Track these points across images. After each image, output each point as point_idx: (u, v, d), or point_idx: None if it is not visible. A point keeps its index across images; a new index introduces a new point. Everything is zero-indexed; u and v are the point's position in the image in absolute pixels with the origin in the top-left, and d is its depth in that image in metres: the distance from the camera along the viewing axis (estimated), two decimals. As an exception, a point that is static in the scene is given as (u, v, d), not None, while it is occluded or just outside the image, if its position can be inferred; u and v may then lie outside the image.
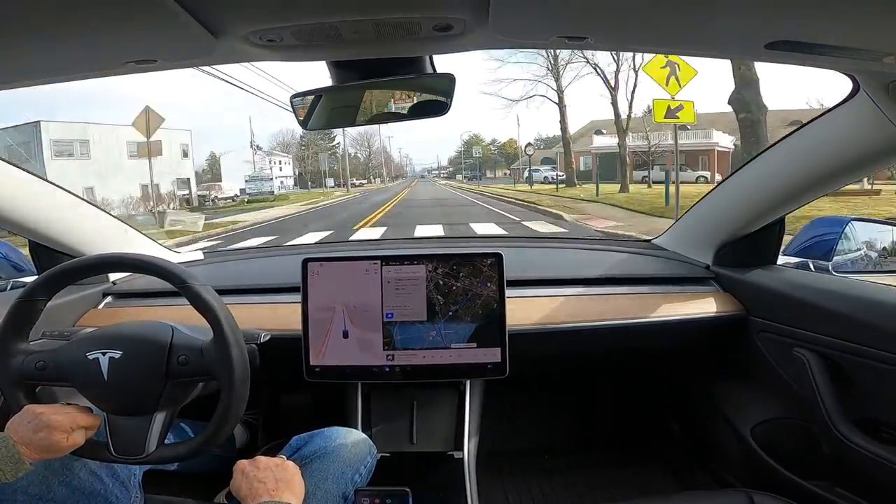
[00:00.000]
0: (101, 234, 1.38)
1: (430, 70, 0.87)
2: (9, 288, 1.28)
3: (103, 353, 0.81)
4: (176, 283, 0.84)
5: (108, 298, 1.41)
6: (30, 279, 1.29)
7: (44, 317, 0.87)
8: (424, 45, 0.76)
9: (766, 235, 1.28)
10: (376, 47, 0.76)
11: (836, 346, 1.05)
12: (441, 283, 1.17)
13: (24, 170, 1.14)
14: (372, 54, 0.80)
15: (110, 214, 1.44)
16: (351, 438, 1.03)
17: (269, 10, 0.63)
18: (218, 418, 0.82)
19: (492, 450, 1.58)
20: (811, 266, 1.26)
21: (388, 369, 1.17)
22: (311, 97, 0.94)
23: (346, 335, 1.16)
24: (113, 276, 1.46)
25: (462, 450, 1.17)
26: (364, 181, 52.77)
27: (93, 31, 0.63)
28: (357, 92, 0.91)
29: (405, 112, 0.93)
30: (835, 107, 0.93)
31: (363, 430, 1.17)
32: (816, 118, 1.00)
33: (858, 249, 1.32)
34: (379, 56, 0.81)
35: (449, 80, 0.87)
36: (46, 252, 1.29)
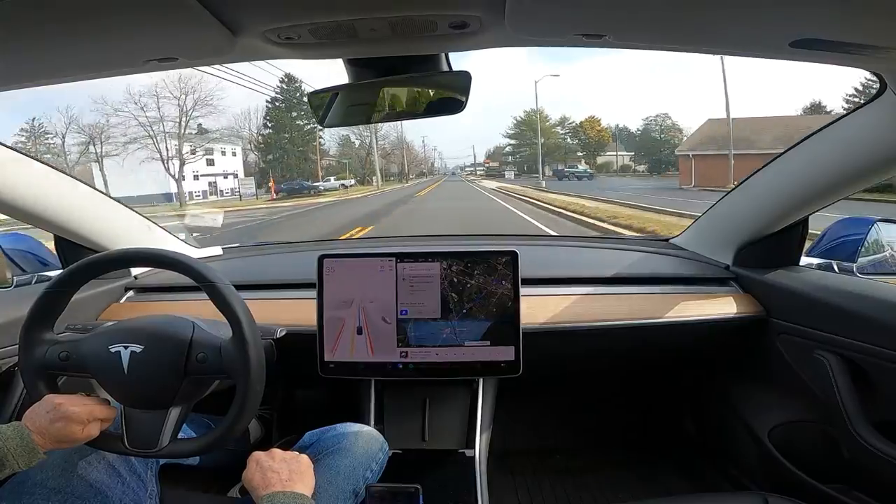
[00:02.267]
0: (124, 230, 1.41)
1: (446, 68, 0.87)
2: (34, 282, 1.31)
3: (125, 347, 0.82)
4: (199, 281, 0.85)
5: (130, 293, 1.44)
6: (54, 273, 1.32)
7: (67, 310, 0.89)
8: (440, 42, 0.77)
9: (788, 236, 1.25)
10: (392, 45, 0.76)
11: (858, 348, 1.03)
12: (455, 280, 1.17)
13: (49, 165, 1.17)
14: (388, 52, 0.80)
15: (133, 210, 1.48)
16: (363, 435, 1.04)
17: (287, 9, 0.64)
18: (232, 416, 0.83)
19: (504, 448, 1.57)
20: (835, 268, 1.24)
21: (401, 366, 1.17)
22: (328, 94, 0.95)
23: (360, 331, 1.17)
24: (135, 271, 1.49)
25: (474, 448, 1.17)
26: (351, 181, 34.95)
27: (117, 30, 0.64)
28: (373, 89, 0.92)
29: (421, 110, 0.93)
30: (861, 105, 0.91)
31: (375, 427, 1.17)
32: (842, 117, 0.97)
33: (884, 251, 1.28)
34: (395, 54, 0.81)
35: (465, 77, 0.87)
36: (71, 247, 1.32)
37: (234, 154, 29.65)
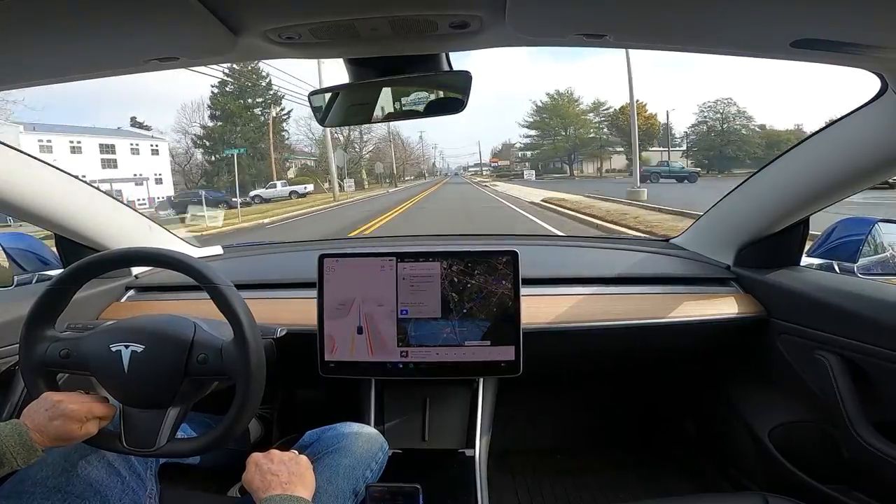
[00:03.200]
0: (125, 229, 1.41)
1: (446, 67, 0.87)
2: (35, 281, 1.31)
3: (126, 346, 0.82)
4: (201, 281, 0.85)
5: (131, 292, 1.45)
6: (54, 272, 1.32)
7: (68, 309, 0.89)
8: (441, 42, 0.77)
9: (789, 236, 1.25)
10: (393, 44, 0.76)
11: (859, 349, 1.03)
12: (456, 280, 1.17)
13: (50, 165, 1.17)
14: (389, 51, 0.80)
15: (134, 210, 1.48)
16: (363, 434, 1.04)
17: (287, 8, 0.64)
18: (231, 416, 0.83)
19: (504, 448, 1.57)
20: (836, 268, 1.24)
21: (401, 366, 1.17)
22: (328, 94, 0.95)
23: (360, 331, 1.17)
24: (136, 271, 1.49)
25: (474, 448, 1.17)
26: (309, 187, 26.05)
27: (118, 30, 0.64)
28: (374, 89, 0.92)
29: (422, 110, 0.93)
30: (862, 106, 0.91)
31: (375, 426, 1.17)
32: (843, 117, 0.97)
33: (885, 251, 1.28)
34: (395, 53, 0.81)
35: (465, 77, 0.87)
36: (72, 246, 1.32)
37: (154, 151, 20.93)
